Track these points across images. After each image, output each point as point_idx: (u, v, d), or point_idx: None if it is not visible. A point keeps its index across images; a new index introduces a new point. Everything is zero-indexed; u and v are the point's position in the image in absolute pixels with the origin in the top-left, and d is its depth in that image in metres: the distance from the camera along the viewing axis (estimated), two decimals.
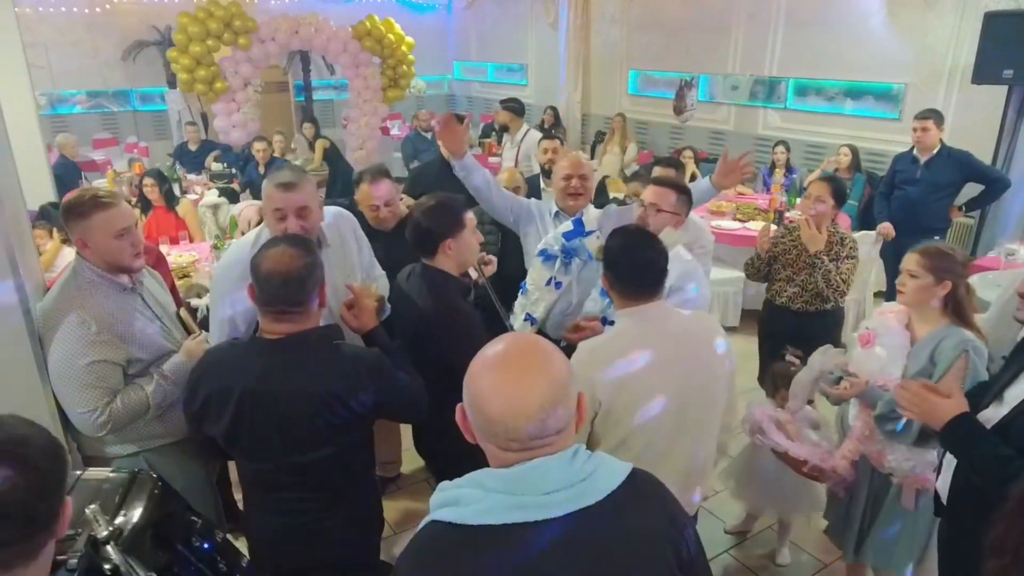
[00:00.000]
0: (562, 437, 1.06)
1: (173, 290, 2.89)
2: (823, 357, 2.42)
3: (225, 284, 2.19)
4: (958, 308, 2.18)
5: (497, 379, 1.05)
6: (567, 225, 2.75)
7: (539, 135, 5.81)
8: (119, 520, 1.21)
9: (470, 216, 2.21)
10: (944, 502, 1.88)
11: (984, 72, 4.87)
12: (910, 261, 2.20)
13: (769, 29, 7.06)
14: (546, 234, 2.91)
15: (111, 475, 1.32)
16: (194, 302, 3.48)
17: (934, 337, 2.16)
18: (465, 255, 2.20)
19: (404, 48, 8.49)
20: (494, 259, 2.88)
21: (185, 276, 3.88)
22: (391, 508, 3.25)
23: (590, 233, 2.71)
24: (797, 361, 2.82)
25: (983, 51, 4.84)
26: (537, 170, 4.50)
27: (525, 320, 2.88)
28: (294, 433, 1.74)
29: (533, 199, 3.16)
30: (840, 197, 3.26)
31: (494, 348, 1.10)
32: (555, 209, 3.00)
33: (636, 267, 1.85)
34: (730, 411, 2.06)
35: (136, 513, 1.24)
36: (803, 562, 2.97)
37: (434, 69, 11.67)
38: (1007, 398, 1.72)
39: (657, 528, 1.10)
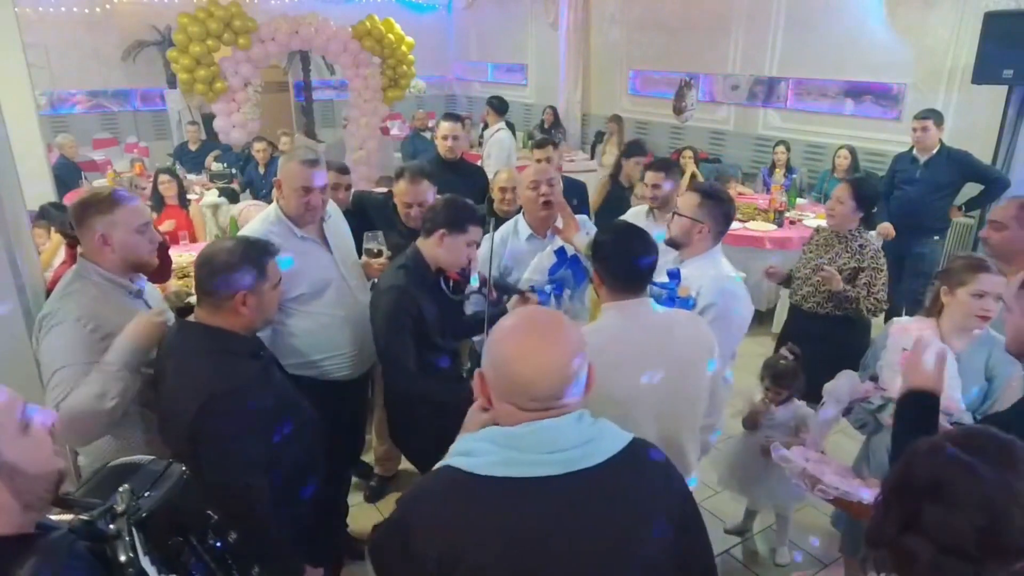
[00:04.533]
0: (575, 400, 1.16)
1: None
2: (849, 385, 2.23)
3: None
4: None
5: (526, 343, 1.14)
6: (550, 256, 2.63)
7: (508, 137, 5.75)
8: (143, 501, 1.20)
9: (475, 230, 2.32)
10: None
11: (984, 72, 4.85)
12: None
13: (769, 29, 7.05)
14: (519, 252, 2.81)
15: (149, 463, 1.32)
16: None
17: (981, 349, 2.03)
18: (450, 254, 2.32)
19: (404, 48, 8.48)
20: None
21: (185, 276, 3.84)
22: (389, 508, 3.23)
23: (575, 259, 2.58)
24: (790, 356, 2.76)
25: (983, 51, 4.82)
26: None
27: None
28: (164, 417, 1.78)
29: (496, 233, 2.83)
30: (863, 200, 3.04)
31: (518, 319, 1.21)
32: (528, 232, 2.86)
33: (627, 262, 1.83)
34: (715, 412, 2.02)
35: (159, 494, 1.24)
36: (803, 562, 2.97)
37: (434, 69, 11.65)
38: None
39: (652, 491, 1.18)
